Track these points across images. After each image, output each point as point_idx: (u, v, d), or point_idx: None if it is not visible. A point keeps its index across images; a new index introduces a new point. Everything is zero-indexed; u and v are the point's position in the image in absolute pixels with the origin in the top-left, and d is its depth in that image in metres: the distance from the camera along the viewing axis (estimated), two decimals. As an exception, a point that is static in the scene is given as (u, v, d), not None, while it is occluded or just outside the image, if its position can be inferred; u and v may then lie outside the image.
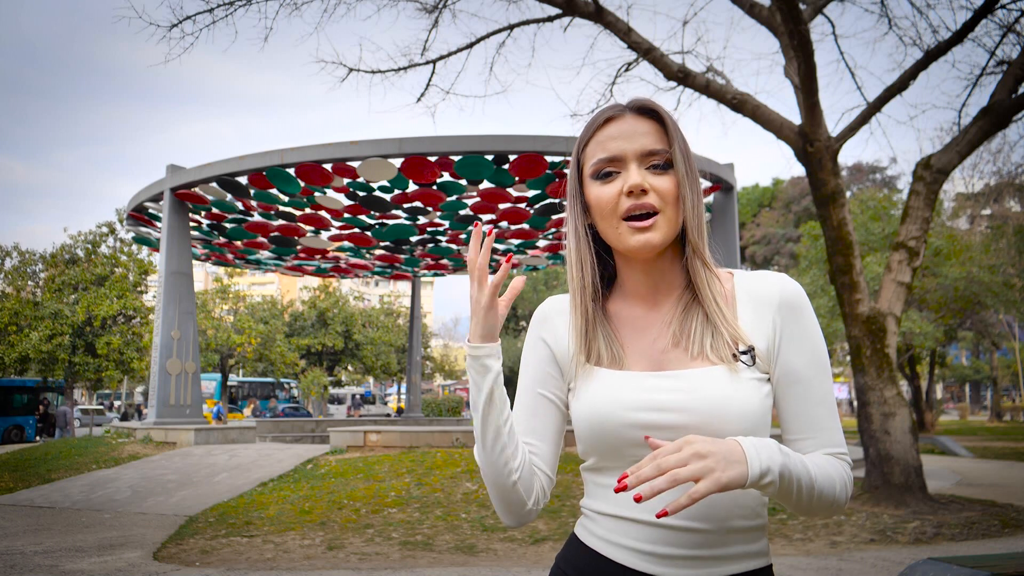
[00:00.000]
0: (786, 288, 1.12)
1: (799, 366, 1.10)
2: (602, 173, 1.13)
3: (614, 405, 1.09)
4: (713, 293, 1.12)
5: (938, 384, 48.60)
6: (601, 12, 9.11)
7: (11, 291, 26.69)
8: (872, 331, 8.31)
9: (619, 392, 1.10)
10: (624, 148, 1.11)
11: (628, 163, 1.11)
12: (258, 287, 71.19)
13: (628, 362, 1.14)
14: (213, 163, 13.15)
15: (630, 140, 1.11)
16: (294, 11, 9.76)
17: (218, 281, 30.27)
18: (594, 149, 1.14)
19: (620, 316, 1.18)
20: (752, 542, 1.09)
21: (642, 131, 1.11)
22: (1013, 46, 9.51)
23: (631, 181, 1.09)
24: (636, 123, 1.12)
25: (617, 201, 1.11)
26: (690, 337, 1.10)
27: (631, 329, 1.17)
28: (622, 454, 1.10)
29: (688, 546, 1.06)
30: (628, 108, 1.14)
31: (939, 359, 31.95)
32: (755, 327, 1.11)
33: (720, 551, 1.06)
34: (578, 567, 1.15)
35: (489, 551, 6.38)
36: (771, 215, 34.53)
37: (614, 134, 1.12)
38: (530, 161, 11.84)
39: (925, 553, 6.16)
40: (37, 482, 10.88)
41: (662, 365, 1.11)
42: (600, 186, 1.13)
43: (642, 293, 1.18)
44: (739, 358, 1.08)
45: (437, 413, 29.10)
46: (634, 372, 1.12)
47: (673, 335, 1.12)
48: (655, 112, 1.13)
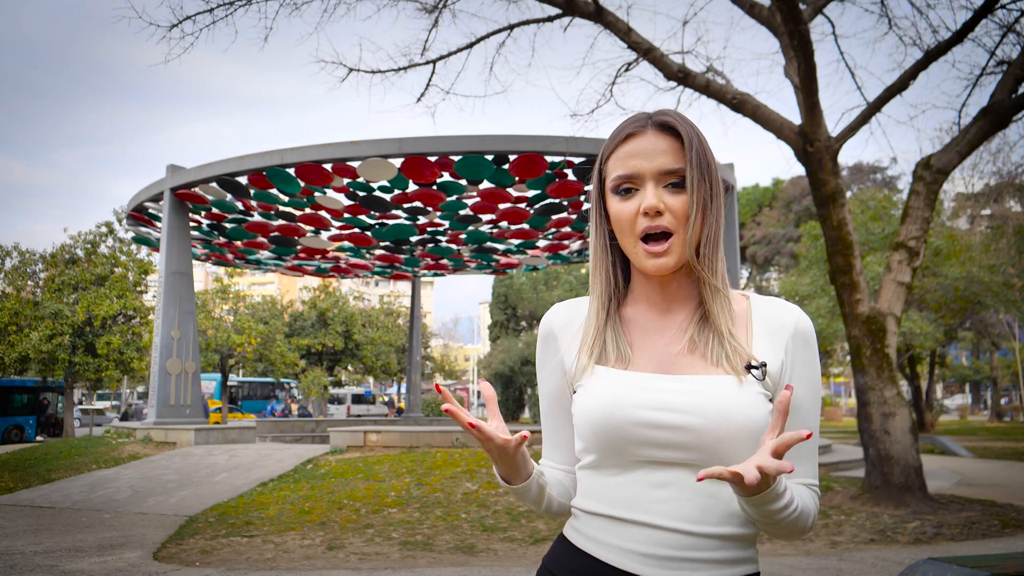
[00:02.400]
0: (801, 320, 1.16)
1: (800, 396, 1.13)
2: (621, 189, 1.14)
3: (619, 402, 1.10)
4: (725, 311, 1.14)
5: (938, 384, 48.60)
6: (601, 12, 9.11)
7: (11, 291, 26.65)
8: (872, 331, 8.31)
9: (625, 390, 1.11)
10: (642, 167, 1.12)
11: (645, 182, 1.12)
12: (258, 287, 71.19)
13: (635, 363, 1.15)
14: (213, 163, 13.15)
15: (649, 159, 1.12)
16: (294, 11, 9.75)
17: (218, 281, 30.24)
18: (614, 164, 1.15)
19: (633, 319, 1.20)
20: (742, 549, 1.10)
21: (662, 149, 1.12)
22: (1013, 46, 9.51)
23: (647, 203, 1.10)
24: (657, 140, 1.12)
25: (635, 219, 1.12)
26: (708, 344, 1.12)
27: (642, 332, 1.18)
28: (623, 452, 1.10)
29: (679, 548, 1.06)
30: (651, 122, 1.14)
31: (939, 359, 31.95)
32: (768, 350, 1.13)
33: (711, 555, 1.07)
34: (567, 568, 1.14)
35: (489, 551, 6.38)
36: (771, 215, 34.51)
37: (634, 151, 1.13)
38: (530, 161, 11.83)
39: (925, 553, 6.16)
40: (37, 482, 10.88)
41: (671, 369, 1.13)
42: (620, 202, 1.14)
43: (656, 302, 1.19)
44: (751, 371, 1.09)
45: (437, 413, 29.11)
46: (641, 372, 1.13)
47: (691, 340, 1.14)
48: (676, 130, 1.13)
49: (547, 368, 1.25)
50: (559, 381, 1.23)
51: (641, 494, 1.09)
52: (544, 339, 1.26)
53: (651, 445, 1.08)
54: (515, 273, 31.53)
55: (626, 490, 1.10)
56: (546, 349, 1.25)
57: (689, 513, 1.07)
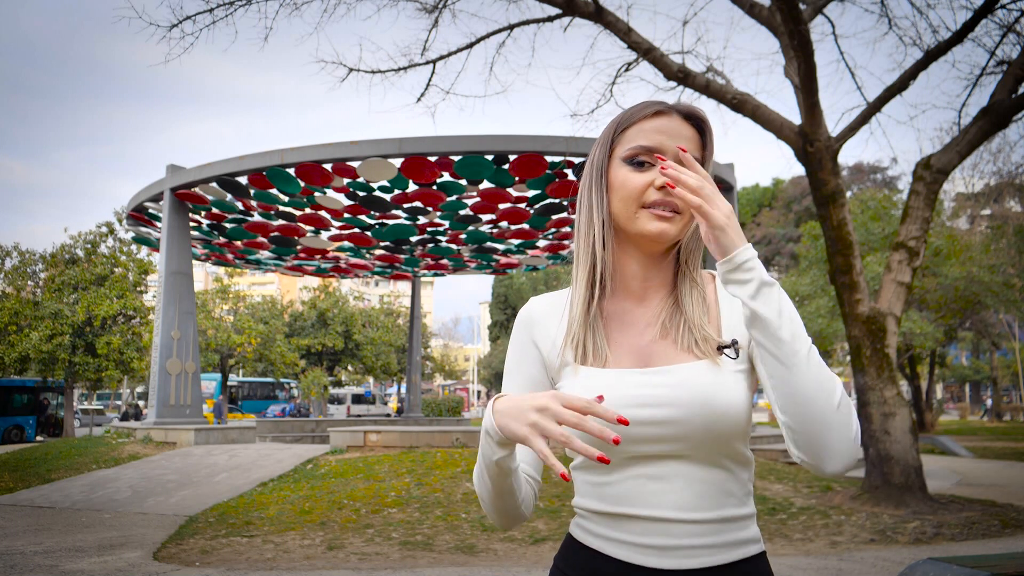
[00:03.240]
0: None
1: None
2: (636, 160, 1.14)
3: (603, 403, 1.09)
4: (694, 295, 1.16)
5: (938, 384, 48.59)
6: (601, 12, 9.11)
7: (11, 291, 26.66)
8: (872, 331, 8.31)
9: (607, 390, 1.10)
10: (666, 144, 1.13)
11: (666, 159, 1.13)
12: (258, 287, 71.19)
13: (613, 359, 1.15)
14: (213, 163, 13.15)
15: (673, 138, 1.14)
16: (294, 11, 9.75)
17: (218, 281, 30.28)
18: (635, 134, 1.15)
19: (609, 311, 1.20)
20: (743, 530, 1.11)
21: (686, 135, 1.15)
22: (1013, 46, 9.51)
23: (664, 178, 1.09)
24: (682, 126, 1.15)
25: (644, 191, 1.13)
26: (679, 330, 1.14)
27: (619, 323, 1.18)
28: (613, 452, 1.10)
29: (681, 536, 1.07)
30: (676, 109, 1.17)
31: (939, 359, 31.94)
32: (737, 324, 1.14)
33: (712, 539, 1.08)
34: (579, 567, 1.15)
35: (489, 551, 6.38)
36: (771, 215, 34.53)
37: (661, 127, 1.14)
38: (530, 161, 11.83)
39: (925, 553, 6.16)
40: (37, 482, 10.88)
41: (648, 360, 1.13)
42: (630, 171, 1.14)
43: (632, 288, 1.20)
44: (724, 351, 1.11)
45: (437, 413, 29.09)
46: (620, 369, 1.13)
47: (662, 327, 1.15)
48: (700, 122, 1.17)
49: (524, 362, 1.23)
50: (536, 375, 1.22)
51: (637, 489, 1.09)
52: (521, 330, 1.24)
53: (639, 441, 1.08)
54: (515, 273, 31.53)
55: (622, 487, 1.11)
56: (524, 340, 1.23)
57: (686, 501, 1.08)
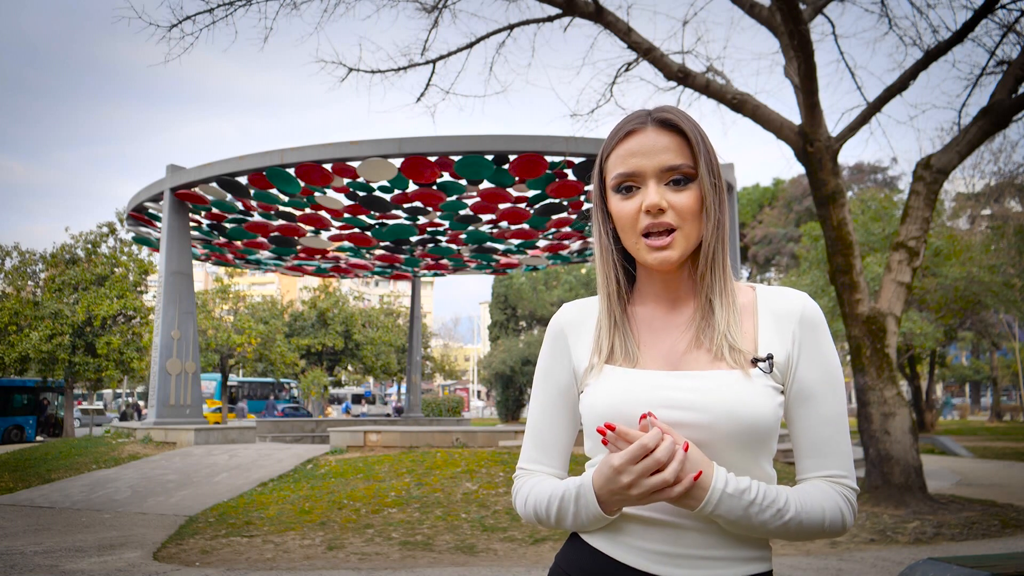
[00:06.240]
0: (807, 305, 1.15)
1: (812, 381, 1.11)
2: (622, 187, 1.13)
3: (628, 400, 1.10)
4: (729, 304, 1.13)
5: (938, 384, 48.58)
6: (601, 12, 9.11)
7: (11, 291, 26.66)
8: (872, 331, 8.31)
9: (633, 389, 1.10)
10: (643, 165, 1.11)
11: (647, 180, 1.11)
12: (258, 287, 71.18)
13: (643, 361, 1.14)
14: (213, 163, 13.14)
15: (649, 156, 1.11)
16: (294, 11, 9.76)
17: (218, 281, 30.26)
18: (615, 163, 1.14)
19: (640, 317, 1.19)
20: (753, 548, 1.09)
21: (662, 146, 1.11)
22: (1013, 46, 9.51)
23: (648, 200, 1.10)
24: (657, 137, 1.11)
25: (636, 217, 1.11)
26: (712, 340, 1.11)
27: (649, 330, 1.18)
28: None
29: (694, 546, 1.07)
30: (651, 119, 1.13)
31: (939, 359, 31.93)
32: (775, 340, 1.12)
33: (722, 552, 1.07)
34: (581, 567, 1.14)
35: (489, 551, 6.38)
36: (772, 215, 34.50)
37: (634, 149, 1.12)
38: (530, 161, 11.83)
39: (925, 553, 6.16)
40: (37, 482, 10.88)
41: (679, 366, 1.12)
42: (620, 200, 1.13)
43: (663, 298, 1.19)
44: (757, 364, 1.09)
45: (437, 413, 29.11)
46: (649, 371, 1.13)
47: (696, 337, 1.13)
48: (678, 126, 1.12)
49: (556, 367, 1.23)
50: (567, 380, 1.22)
51: None
52: (553, 338, 1.25)
53: None
54: (515, 273, 31.52)
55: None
56: (555, 348, 1.24)
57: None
